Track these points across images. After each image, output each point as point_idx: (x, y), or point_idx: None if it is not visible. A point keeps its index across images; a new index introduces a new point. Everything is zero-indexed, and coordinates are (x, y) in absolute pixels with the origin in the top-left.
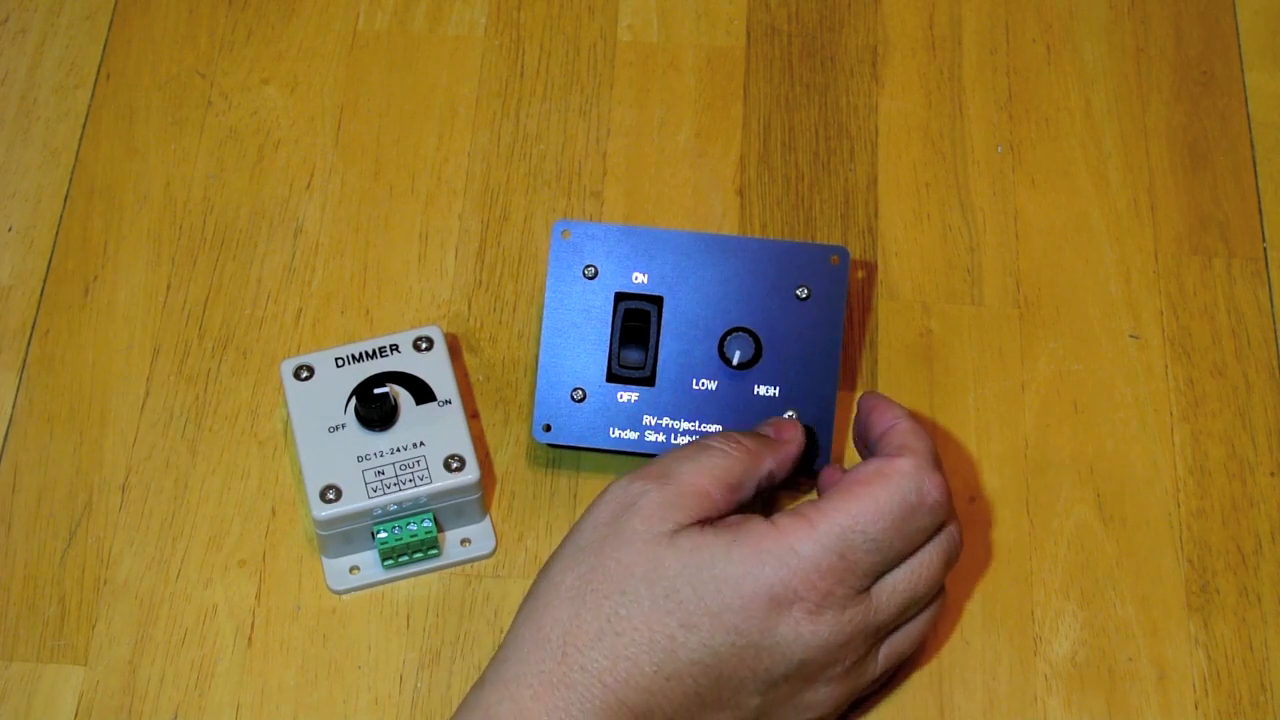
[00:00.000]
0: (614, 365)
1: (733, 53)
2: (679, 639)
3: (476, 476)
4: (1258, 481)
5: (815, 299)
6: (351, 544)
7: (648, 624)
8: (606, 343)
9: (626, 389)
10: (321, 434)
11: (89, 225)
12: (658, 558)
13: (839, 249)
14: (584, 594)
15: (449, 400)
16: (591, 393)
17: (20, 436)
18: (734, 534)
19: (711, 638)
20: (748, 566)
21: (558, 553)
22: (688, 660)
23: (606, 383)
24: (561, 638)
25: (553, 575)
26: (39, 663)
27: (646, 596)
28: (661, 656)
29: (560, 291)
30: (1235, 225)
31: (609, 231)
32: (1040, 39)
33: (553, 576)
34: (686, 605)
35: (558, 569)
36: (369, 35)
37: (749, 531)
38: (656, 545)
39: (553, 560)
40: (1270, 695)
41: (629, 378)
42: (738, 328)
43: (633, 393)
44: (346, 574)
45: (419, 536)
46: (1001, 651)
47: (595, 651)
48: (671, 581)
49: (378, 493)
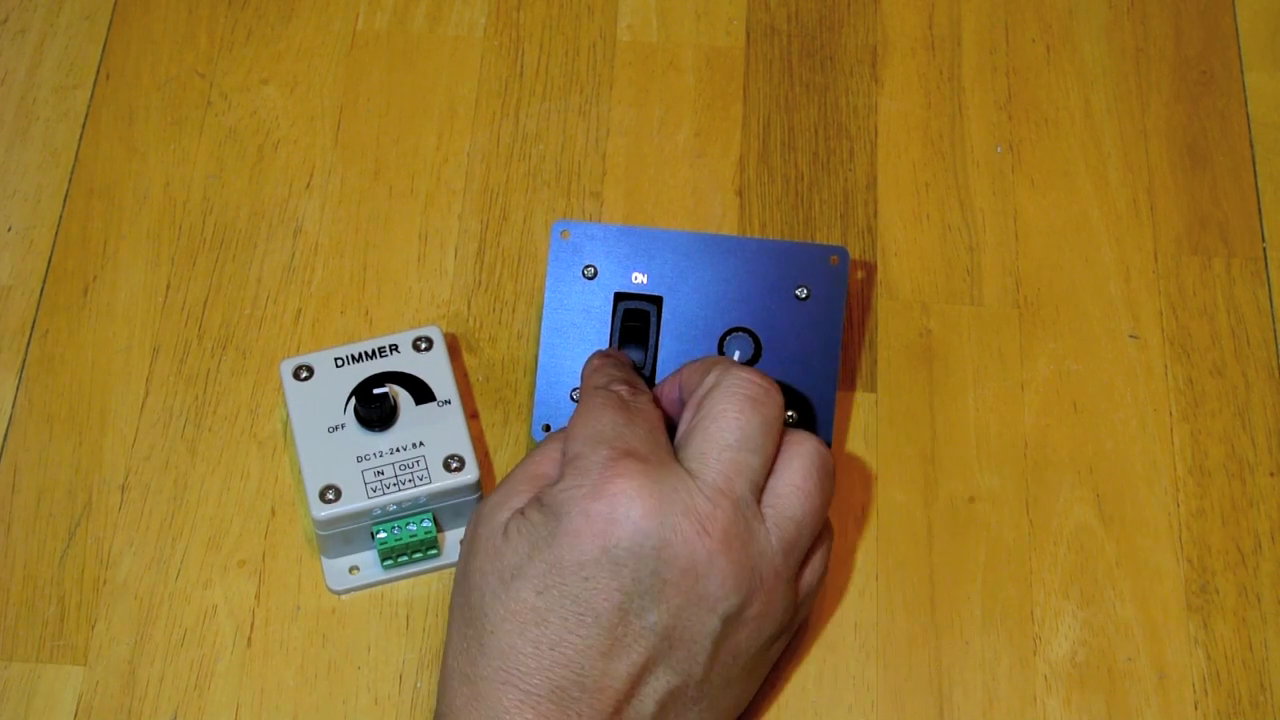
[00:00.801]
0: None
1: (732, 53)
2: (540, 605)
3: (476, 477)
4: (1257, 481)
5: (815, 299)
6: (351, 544)
7: (510, 610)
8: (606, 343)
9: None
10: (321, 434)
11: (88, 225)
12: (499, 548)
13: (838, 249)
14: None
15: (448, 400)
16: None
17: (20, 436)
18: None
19: (566, 586)
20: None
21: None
22: (558, 621)
23: None
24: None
25: (449, 616)
26: (38, 663)
27: (500, 587)
28: (535, 632)
29: (560, 291)
30: (1235, 225)
31: (608, 231)
32: (1040, 39)
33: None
34: (535, 573)
35: (450, 609)
36: (368, 35)
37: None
38: (496, 536)
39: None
40: (1270, 695)
41: None
42: (737, 328)
43: None
44: (346, 574)
45: (419, 537)
46: (1001, 651)
47: (484, 658)
48: (517, 560)
49: (377, 493)
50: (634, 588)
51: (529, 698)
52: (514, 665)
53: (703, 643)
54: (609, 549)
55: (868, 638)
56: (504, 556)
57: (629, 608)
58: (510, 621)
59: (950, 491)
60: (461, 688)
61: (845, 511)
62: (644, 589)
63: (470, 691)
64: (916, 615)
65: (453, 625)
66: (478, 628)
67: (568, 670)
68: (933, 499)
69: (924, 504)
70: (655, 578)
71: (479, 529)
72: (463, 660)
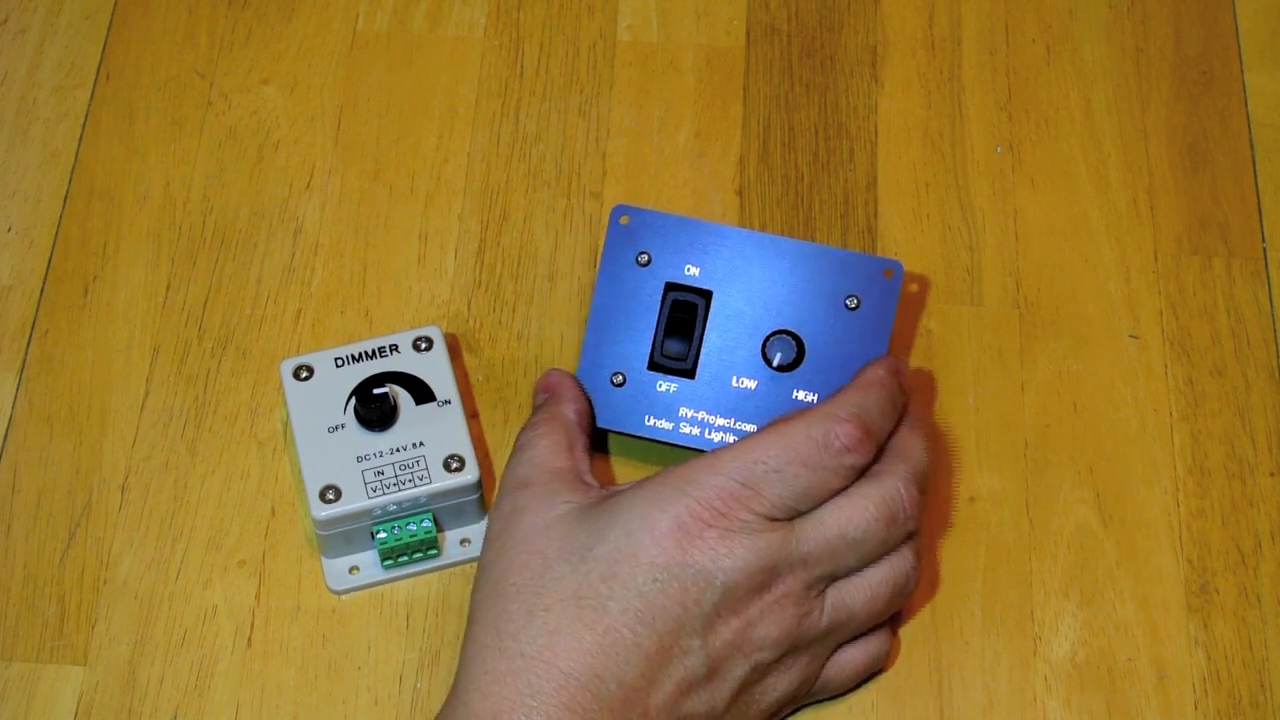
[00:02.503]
0: (657, 354)
1: (732, 53)
2: (603, 592)
3: (476, 477)
4: (1257, 482)
5: (864, 310)
6: (351, 544)
7: (573, 591)
8: (652, 331)
9: (666, 379)
10: (321, 434)
11: (88, 225)
12: (567, 533)
13: (893, 263)
14: (507, 593)
15: (448, 400)
16: (631, 378)
17: (20, 437)
18: (637, 484)
19: (633, 580)
20: (652, 504)
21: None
22: (618, 611)
23: (647, 370)
24: (496, 634)
25: (474, 599)
26: (38, 663)
27: (566, 568)
28: (592, 615)
29: (612, 275)
30: (1235, 225)
31: (667, 221)
32: (1040, 39)
33: (474, 599)
34: (604, 560)
35: (475, 593)
36: (368, 35)
37: (651, 478)
38: (561, 524)
39: (471, 596)
40: (1270, 695)
41: (670, 368)
42: (783, 330)
43: (672, 383)
44: (346, 574)
45: (419, 536)
46: (1001, 652)
47: (528, 633)
48: (585, 545)
49: (377, 493)
50: (695, 609)
51: (568, 680)
52: (561, 645)
53: (731, 682)
54: (687, 564)
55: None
56: (575, 537)
57: (685, 624)
58: (569, 601)
59: (950, 491)
60: (496, 663)
61: None
62: (703, 613)
63: (506, 667)
64: (916, 615)
65: (487, 602)
66: (528, 603)
67: (612, 661)
68: (932, 499)
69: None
70: (714, 610)
71: (524, 519)
72: (503, 637)
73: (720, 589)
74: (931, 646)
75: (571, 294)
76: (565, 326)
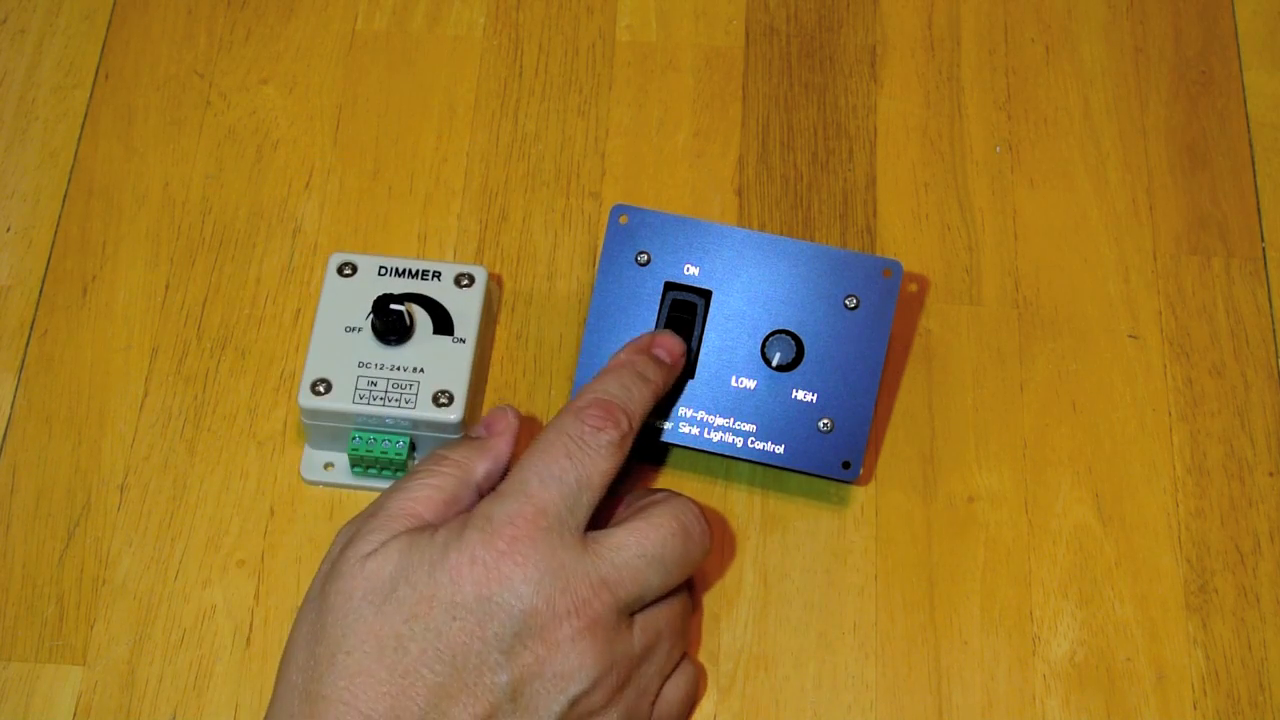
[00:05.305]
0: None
1: (731, 53)
2: (404, 633)
3: (460, 417)
4: (1256, 482)
5: (863, 310)
6: (336, 441)
7: (374, 632)
8: (650, 330)
9: None
10: (338, 330)
11: (87, 225)
12: (373, 572)
13: (892, 262)
14: (316, 634)
15: (464, 339)
16: None
17: (19, 436)
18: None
19: (432, 619)
20: (450, 544)
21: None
22: (418, 652)
23: None
24: (302, 680)
25: (291, 634)
26: (37, 663)
27: (369, 609)
28: (393, 658)
29: (611, 275)
30: (1234, 225)
31: (666, 220)
32: (1039, 39)
33: (291, 635)
34: (407, 600)
35: (295, 626)
36: (367, 35)
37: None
38: (369, 561)
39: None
40: (1269, 695)
41: None
42: (782, 330)
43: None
44: (321, 468)
45: (389, 455)
46: (1000, 651)
47: (331, 676)
48: (390, 586)
49: (363, 401)
50: (495, 643)
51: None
52: (362, 688)
53: (544, 716)
54: (483, 597)
55: (866, 637)
56: (378, 578)
57: (486, 658)
58: (371, 643)
59: (949, 491)
60: (301, 706)
61: (844, 512)
62: (504, 646)
63: (308, 710)
64: (915, 615)
65: (298, 644)
66: (331, 646)
67: (412, 702)
68: (932, 499)
69: (923, 504)
70: (516, 639)
71: (348, 551)
72: (307, 678)
73: (520, 616)
74: (930, 646)
75: (571, 294)
76: (564, 326)
